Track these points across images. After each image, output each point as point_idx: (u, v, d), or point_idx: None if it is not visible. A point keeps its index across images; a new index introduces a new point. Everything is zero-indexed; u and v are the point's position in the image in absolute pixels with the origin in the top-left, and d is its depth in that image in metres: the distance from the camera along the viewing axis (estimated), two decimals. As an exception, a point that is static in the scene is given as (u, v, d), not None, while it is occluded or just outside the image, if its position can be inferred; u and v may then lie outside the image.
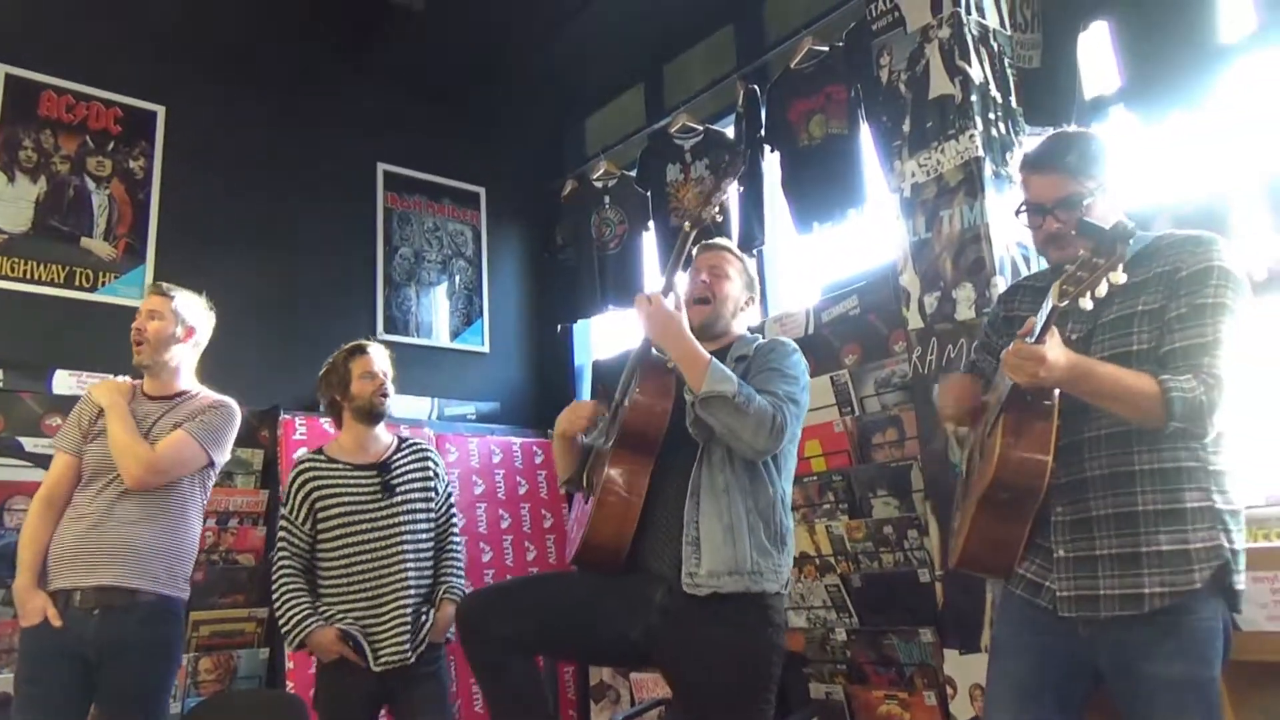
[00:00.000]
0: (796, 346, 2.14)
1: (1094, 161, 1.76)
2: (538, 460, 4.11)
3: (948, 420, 2.03)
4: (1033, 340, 1.57)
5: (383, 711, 2.64)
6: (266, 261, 3.83)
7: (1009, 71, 2.76)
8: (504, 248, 4.65)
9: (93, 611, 2.36)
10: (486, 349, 4.44)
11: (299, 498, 2.66)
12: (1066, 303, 1.49)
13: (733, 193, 3.83)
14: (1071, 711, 1.74)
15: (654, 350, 2.10)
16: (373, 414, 2.72)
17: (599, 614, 1.98)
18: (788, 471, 2.11)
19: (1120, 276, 1.47)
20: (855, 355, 3.13)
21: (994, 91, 2.70)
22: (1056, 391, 1.65)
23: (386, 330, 4.12)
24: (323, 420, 3.57)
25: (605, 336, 4.60)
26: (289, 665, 3.22)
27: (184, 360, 2.65)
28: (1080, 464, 1.69)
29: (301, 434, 3.49)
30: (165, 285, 2.66)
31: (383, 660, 2.52)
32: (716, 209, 2.08)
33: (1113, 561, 1.64)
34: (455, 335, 4.35)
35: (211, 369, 2.82)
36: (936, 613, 2.64)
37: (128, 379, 2.65)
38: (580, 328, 4.58)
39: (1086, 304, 1.49)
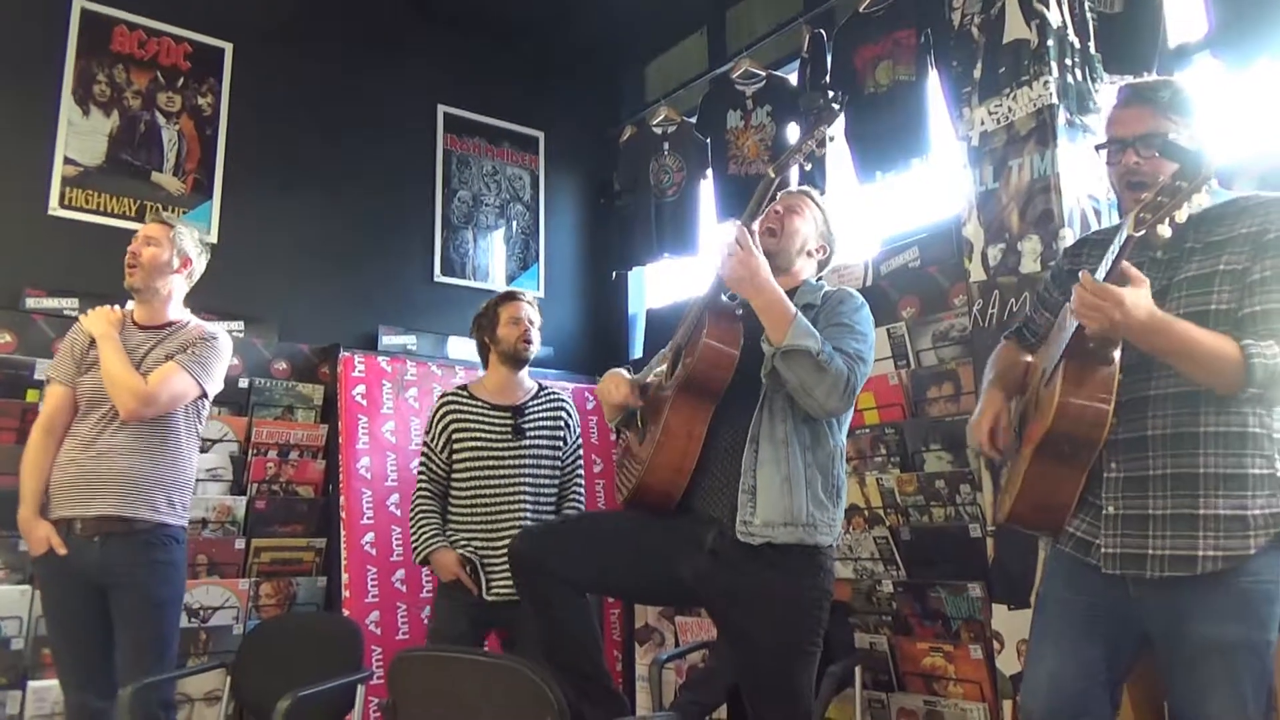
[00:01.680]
0: (864, 300, 2.09)
1: (1184, 105, 1.69)
2: (589, 406, 4.14)
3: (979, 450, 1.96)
4: (1103, 279, 1.51)
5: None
6: (328, 200, 3.88)
7: (1089, 16, 2.65)
8: (561, 193, 4.65)
9: (93, 539, 2.42)
10: (542, 294, 4.46)
11: (439, 428, 2.84)
12: (1144, 231, 1.44)
13: (794, 141, 3.78)
14: (1115, 670, 1.71)
15: (723, 295, 2.07)
16: (516, 358, 2.89)
17: (650, 553, 2.00)
18: (845, 425, 2.09)
19: (1205, 199, 1.42)
20: (913, 308, 3.08)
21: (1072, 36, 2.60)
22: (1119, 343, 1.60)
23: (443, 273, 4.17)
24: (380, 358, 3.66)
25: (660, 285, 4.59)
26: (345, 594, 3.33)
27: (176, 290, 2.66)
28: (1143, 421, 1.64)
29: (360, 371, 3.56)
30: (165, 214, 2.69)
31: (494, 592, 2.67)
32: (804, 157, 2.01)
33: (1166, 521, 1.60)
34: (511, 279, 4.38)
35: (273, 305, 2.89)
36: (986, 568, 2.62)
37: (118, 308, 2.67)
38: (635, 275, 4.58)
39: (1165, 230, 1.43)
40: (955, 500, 2.79)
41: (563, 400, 3.00)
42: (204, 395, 2.61)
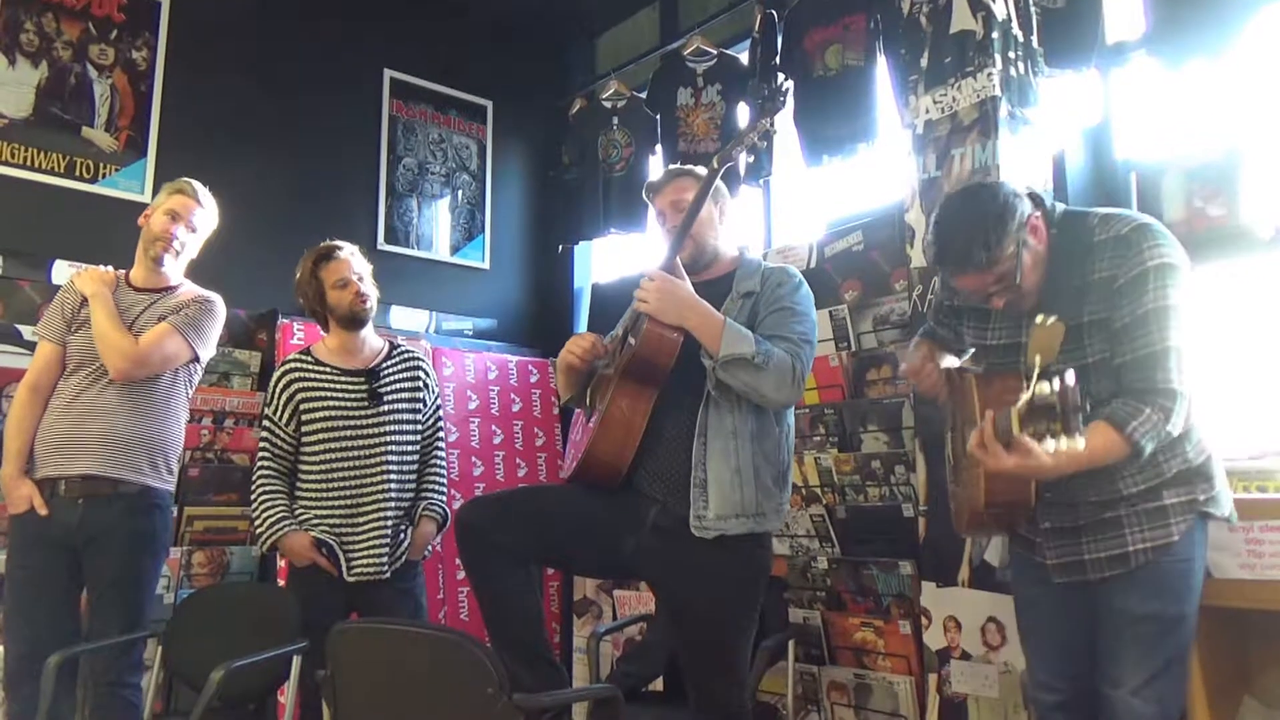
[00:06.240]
0: (800, 275, 2.12)
1: (1000, 239, 1.68)
2: (533, 379, 4.14)
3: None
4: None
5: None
6: (269, 163, 3.78)
7: (1033, 10, 2.70)
8: (509, 164, 4.60)
9: (77, 500, 2.40)
10: (487, 265, 4.42)
11: (283, 399, 2.62)
12: None
13: (744, 122, 3.79)
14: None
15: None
16: (355, 320, 2.66)
17: (594, 527, 2.03)
18: (791, 409, 2.13)
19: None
20: (856, 291, 3.14)
21: (1016, 30, 2.65)
22: None
23: (387, 241, 4.10)
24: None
25: (606, 259, 4.59)
26: (280, 564, 3.28)
27: (182, 261, 2.69)
28: None
29: (299, 338, 3.50)
30: (205, 197, 2.66)
31: (356, 571, 2.53)
32: (746, 149, 2.03)
33: (1095, 528, 1.74)
34: (456, 250, 4.34)
35: (210, 269, 2.82)
36: (917, 546, 2.70)
37: (111, 269, 2.63)
38: (581, 249, 4.56)
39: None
40: (890, 480, 2.86)
41: (418, 358, 2.77)
42: (196, 359, 2.58)
